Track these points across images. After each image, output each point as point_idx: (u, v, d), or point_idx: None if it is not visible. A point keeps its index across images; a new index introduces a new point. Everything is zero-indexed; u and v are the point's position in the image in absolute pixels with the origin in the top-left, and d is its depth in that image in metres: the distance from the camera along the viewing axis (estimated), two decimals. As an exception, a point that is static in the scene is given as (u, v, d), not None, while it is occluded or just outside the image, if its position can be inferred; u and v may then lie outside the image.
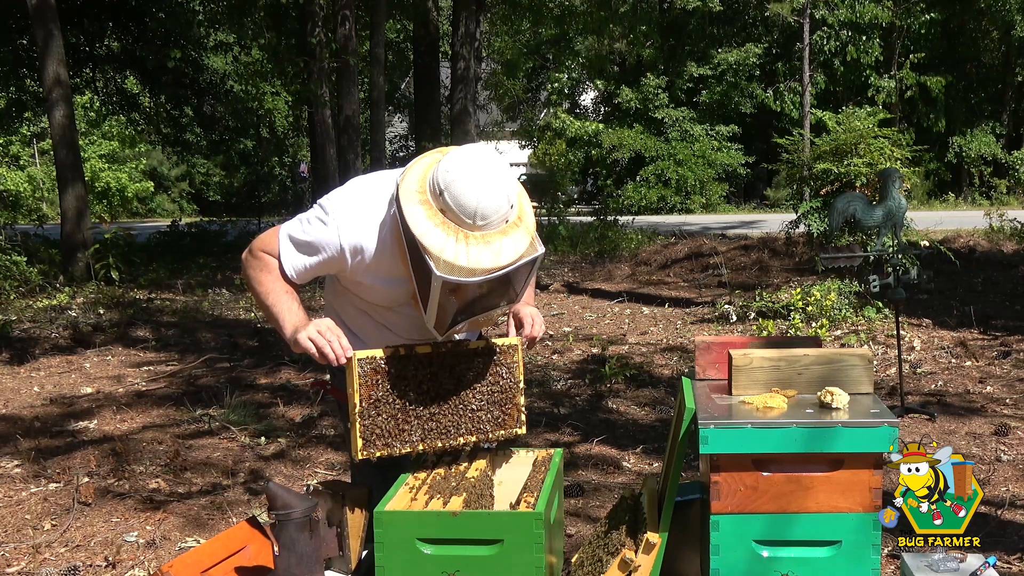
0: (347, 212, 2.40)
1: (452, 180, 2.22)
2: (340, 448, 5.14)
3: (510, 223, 2.28)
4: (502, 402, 2.52)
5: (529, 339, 2.58)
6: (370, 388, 2.37)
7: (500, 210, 2.24)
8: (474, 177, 2.22)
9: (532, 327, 2.58)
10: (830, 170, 9.13)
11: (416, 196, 2.26)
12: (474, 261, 2.20)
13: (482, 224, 2.22)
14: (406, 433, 2.41)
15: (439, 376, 2.44)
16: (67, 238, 12.34)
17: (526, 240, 2.29)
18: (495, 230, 2.25)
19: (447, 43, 18.52)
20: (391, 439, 2.39)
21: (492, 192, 2.22)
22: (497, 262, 2.23)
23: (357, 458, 2.37)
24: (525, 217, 2.33)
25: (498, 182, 2.24)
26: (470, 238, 2.22)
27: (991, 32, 25.56)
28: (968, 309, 8.15)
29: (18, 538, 3.96)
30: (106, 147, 31.03)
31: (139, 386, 6.57)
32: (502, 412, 2.52)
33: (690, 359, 6.63)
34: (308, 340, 2.34)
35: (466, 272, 2.21)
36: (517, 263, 2.26)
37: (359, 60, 15.32)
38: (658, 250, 13.22)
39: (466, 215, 2.21)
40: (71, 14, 16.60)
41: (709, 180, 24.53)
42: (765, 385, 2.44)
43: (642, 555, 2.29)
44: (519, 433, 2.55)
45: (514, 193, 2.30)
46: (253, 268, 2.48)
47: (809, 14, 20.70)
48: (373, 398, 2.37)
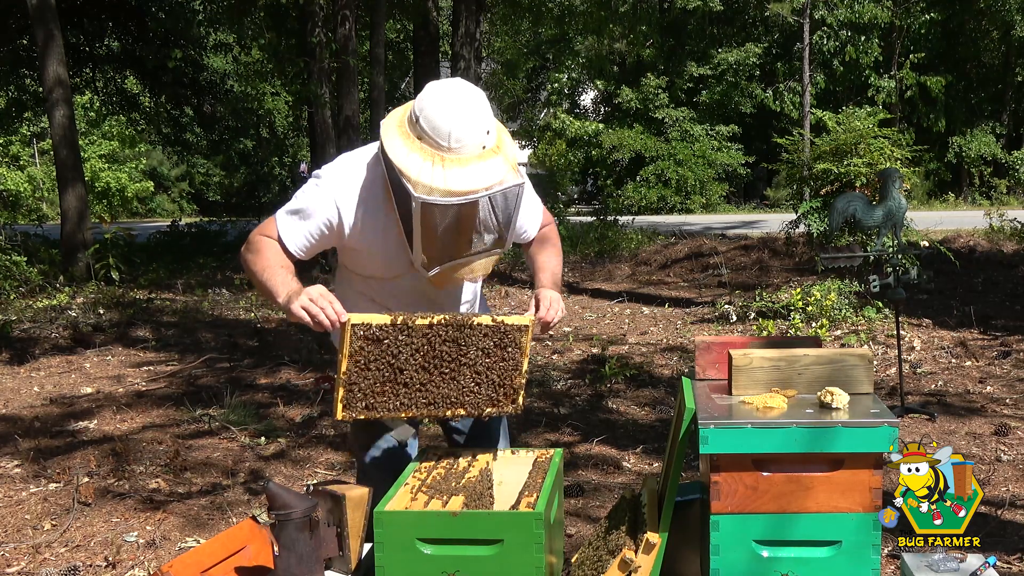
0: (338, 174, 2.47)
1: (426, 105, 2.30)
2: (340, 448, 5.14)
3: (488, 149, 2.32)
4: (500, 381, 2.45)
5: (543, 322, 2.52)
6: (360, 354, 2.33)
7: (474, 132, 2.29)
8: (448, 100, 2.30)
9: (548, 310, 2.52)
10: (830, 170, 9.13)
11: (396, 130, 2.34)
12: (451, 183, 2.25)
13: (457, 147, 2.27)
14: (391, 399, 2.37)
15: (437, 347, 2.39)
16: (67, 238, 12.34)
17: (504, 168, 2.33)
18: (472, 155, 2.29)
19: (447, 43, 18.51)
20: (374, 402, 2.36)
21: (466, 114, 2.28)
22: (474, 184, 2.27)
23: (335, 418, 2.36)
24: (504, 147, 2.37)
25: (472, 106, 2.31)
26: (447, 161, 2.27)
27: (991, 32, 25.55)
28: (968, 309, 8.15)
29: (18, 538, 3.96)
30: (106, 147, 31.02)
31: (139, 386, 6.57)
32: (497, 391, 2.46)
33: (690, 359, 6.63)
34: (301, 308, 2.31)
35: (443, 193, 2.25)
36: (494, 188, 2.30)
37: (359, 60, 15.31)
38: (658, 250, 13.22)
39: (440, 137, 2.27)
40: (71, 14, 16.59)
41: (709, 180, 24.53)
42: (765, 385, 2.44)
43: (642, 555, 2.29)
44: (510, 412, 2.50)
45: (491, 121, 2.34)
46: (250, 252, 2.48)
47: (809, 14, 20.69)
48: (362, 363, 2.33)
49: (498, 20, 21.79)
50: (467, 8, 15.21)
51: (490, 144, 2.33)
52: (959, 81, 25.57)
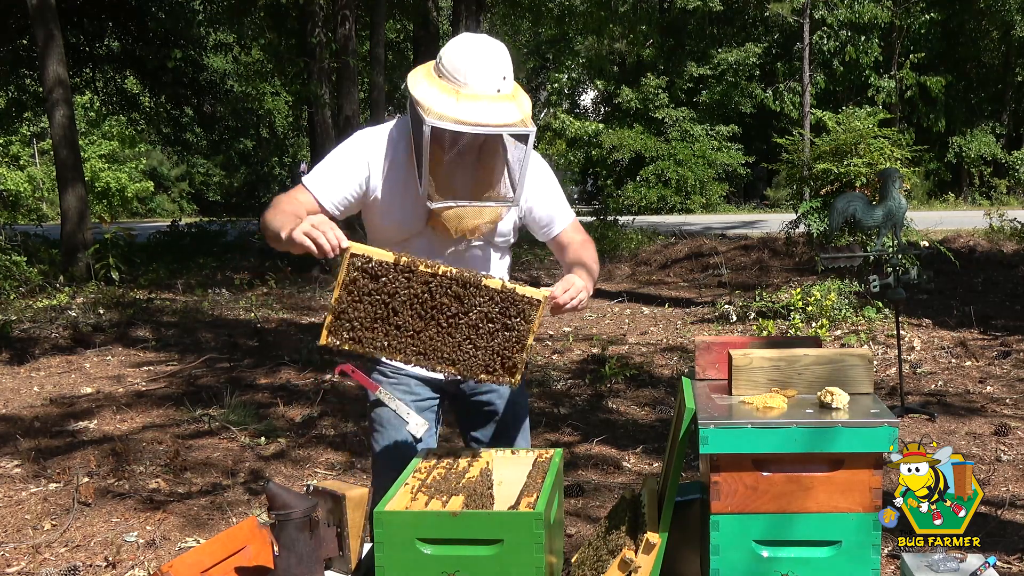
0: (368, 132, 2.63)
1: (450, 47, 2.47)
2: (340, 448, 5.14)
3: (502, 94, 2.42)
4: (500, 351, 2.34)
5: (556, 303, 2.44)
6: (355, 285, 2.27)
7: (490, 74, 2.40)
8: (470, 44, 2.45)
9: (566, 292, 2.45)
10: (830, 170, 9.14)
11: (420, 71, 2.50)
12: (462, 113, 2.35)
13: (472, 83, 2.39)
14: (380, 338, 2.30)
15: (438, 298, 2.30)
16: (67, 238, 12.34)
17: (516, 114, 2.41)
18: (486, 94, 2.39)
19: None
20: (361, 336, 2.29)
21: (484, 56, 2.41)
22: (483, 119, 2.36)
23: (319, 343, 2.33)
24: (519, 99, 2.46)
25: (491, 51, 2.44)
26: (461, 95, 2.38)
27: (991, 32, 25.56)
28: (968, 309, 8.15)
29: (18, 538, 3.96)
30: (106, 147, 31.03)
31: (139, 386, 6.57)
32: (495, 359, 2.35)
33: (690, 359, 6.63)
34: (303, 234, 2.29)
35: (452, 120, 2.34)
36: (505, 128, 2.38)
37: (359, 60, 15.30)
38: (658, 250, 13.22)
39: (458, 73, 2.40)
40: (71, 14, 16.61)
41: (709, 180, 24.54)
42: (765, 385, 2.44)
43: (642, 555, 2.29)
44: (506, 384, 2.38)
45: (508, 69, 2.45)
46: (268, 212, 2.52)
47: (809, 14, 20.70)
48: (355, 295, 2.27)
49: (498, 20, 21.79)
50: (467, 8, 15.21)
51: (506, 90, 2.43)
52: (959, 81, 25.58)
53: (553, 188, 2.73)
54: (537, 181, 2.66)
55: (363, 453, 5.04)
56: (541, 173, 2.69)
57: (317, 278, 12.05)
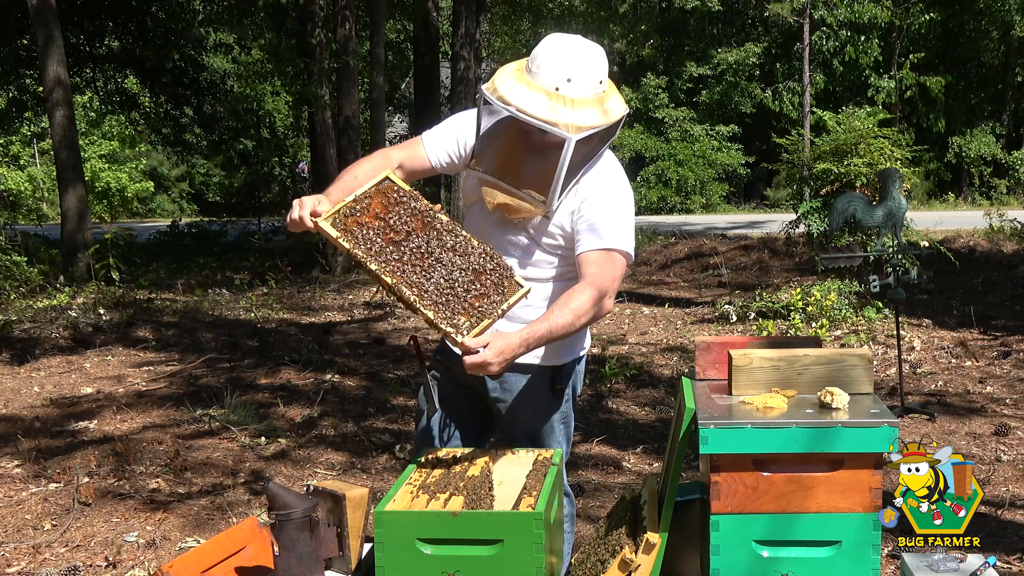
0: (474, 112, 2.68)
1: (544, 40, 2.51)
2: (340, 448, 5.14)
3: (561, 95, 2.42)
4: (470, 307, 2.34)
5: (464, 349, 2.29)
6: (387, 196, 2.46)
7: (556, 69, 2.42)
8: (554, 39, 2.49)
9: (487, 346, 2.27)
10: (830, 170, 9.13)
11: (522, 60, 2.55)
12: (509, 94, 2.41)
13: (539, 74, 2.43)
14: (370, 244, 2.39)
15: (429, 238, 2.42)
16: (67, 238, 12.34)
17: (564, 117, 2.41)
18: (543, 87, 2.41)
19: (447, 43, 18.48)
20: (354, 232, 2.39)
21: (557, 52, 2.45)
22: (523, 104, 2.39)
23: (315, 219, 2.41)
24: (587, 109, 2.45)
25: (567, 50, 2.47)
26: (531, 85, 2.42)
27: (991, 32, 25.54)
28: (968, 309, 8.15)
29: (18, 538, 3.96)
30: (106, 147, 31.00)
31: (139, 386, 6.57)
32: (466, 313, 2.34)
33: (690, 359, 6.63)
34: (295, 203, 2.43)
35: (497, 97, 2.42)
36: (535, 120, 2.38)
37: (359, 61, 15.29)
38: (658, 250, 13.22)
39: (533, 63, 2.45)
40: (71, 14, 16.59)
41: (709, 180, 24.53)
42: (765, 385, 2.44)
43: (642, 555, 2.29)
44: (453, 338, 2.30)
45: (577, 73, 2.45)
46: (353, 165, 2.69)
47: (809, 14, 20.69)
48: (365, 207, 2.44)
49: (498, 20, 21.80)
50: (467, 8, 15.20)
51: (570, 93, 2.42)
52: (959, 81, 25.56)
53: (602, 210, 2.53)
54: (591, 196, 2.53)
55: (363, 453, 5.05)
56: (601, 192, 2.55)
57: (317, 278, 12.05)
